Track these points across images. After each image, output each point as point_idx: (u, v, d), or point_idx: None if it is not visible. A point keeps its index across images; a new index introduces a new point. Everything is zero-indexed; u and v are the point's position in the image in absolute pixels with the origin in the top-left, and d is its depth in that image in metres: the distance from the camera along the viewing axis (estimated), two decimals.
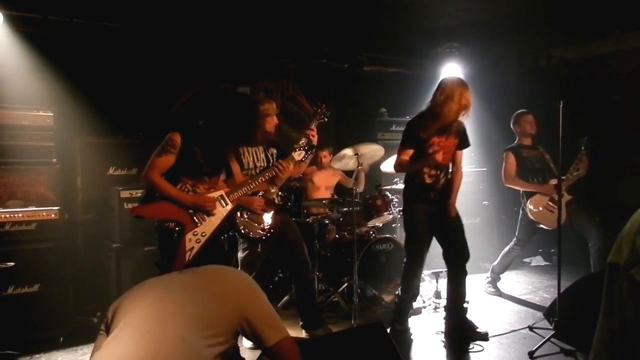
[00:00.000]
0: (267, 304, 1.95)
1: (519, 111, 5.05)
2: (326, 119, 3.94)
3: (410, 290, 3.98)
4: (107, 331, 1.74)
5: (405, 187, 3.97)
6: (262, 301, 1.93)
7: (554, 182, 4.65)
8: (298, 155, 3.58)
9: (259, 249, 3.73)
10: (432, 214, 3.82)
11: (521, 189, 4.82)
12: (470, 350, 3.70)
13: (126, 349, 1.54)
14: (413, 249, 3.89)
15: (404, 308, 4.05)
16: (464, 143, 3.90)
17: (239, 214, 3.38)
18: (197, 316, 1.70)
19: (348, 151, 4.65)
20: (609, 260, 1.68)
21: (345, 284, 4.52)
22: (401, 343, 3.81)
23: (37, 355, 3.69)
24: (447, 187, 3.86)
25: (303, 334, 3.98)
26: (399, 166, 3.84)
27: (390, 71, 6.86)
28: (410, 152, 3.75)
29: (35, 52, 4.50)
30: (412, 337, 3.97)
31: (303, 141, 3.64)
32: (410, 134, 3.78)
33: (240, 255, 3.80)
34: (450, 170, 3.92)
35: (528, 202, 4.76)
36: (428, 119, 3.72)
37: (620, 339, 1.60)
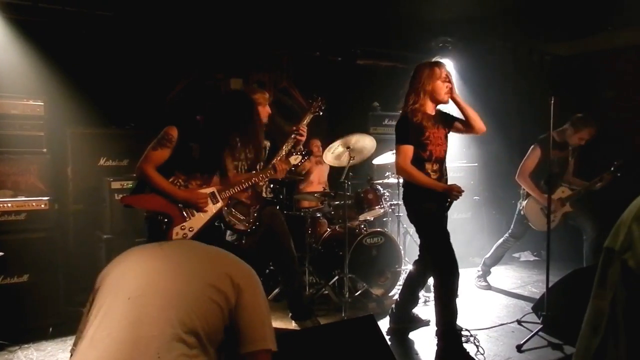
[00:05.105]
0: (266, 302, 1.68)
1: (583, 118, 4.61)
2: (321, 113, 3.93)
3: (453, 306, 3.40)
4: (90, 309, 1.60)
5: (407, 186, 3.58)
6: (261, 296, 1.66)
7: (558, 194, 4.68)
8: (294, 159, 3.59)
9: (243, 241, 3.74)
10: (442, 214, 3.56)
11: (527, 190, 4.78)
12: None
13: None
14: (446, 252, 3.38)
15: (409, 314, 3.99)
16: (452, 120, 3.61)
17: None
18: (181, 320, 1.48)
19: (338, 145, 4.66)
20: (605, 245, 1.71)
21: (336, 277, 4.54)
22: (392, 336, 3.84)
23: (26, 345, 3.67)
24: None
25: (293, 325, 4.02)
26: (403, 171, 3.43)
27: (383, 65, 6.86)
28: (412, 149, 3.39)
29: (26, 40, 4.45)
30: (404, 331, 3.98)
31: (294, 137, 3.66)
32: (408, 124, 3.40)
33: None
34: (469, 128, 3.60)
35: (526, 199, 4.80)
36: (413, 98, 3.41)
37: (607, 321, 1.63)
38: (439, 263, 3.42)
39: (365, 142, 4.76)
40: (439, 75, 3.40)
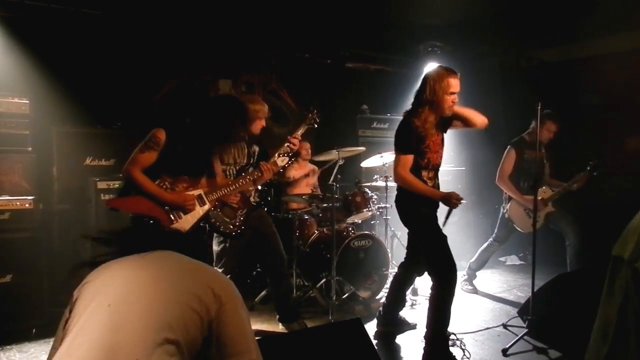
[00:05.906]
0: (247, 314, 1.66)
1: (548, 112, 4.68)
2: (316, 125, 3.90)
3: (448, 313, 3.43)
4: (68, 319, 1.59)
5: (402, 191, 3.52)
6: (242, 308, 1.64)
7: (540, 195, 4.71)
8: (282, 160, 3.59)
9: (227, 244, 3.73)
10: (436, 218, 3.51)
11: (508, 193, 4.85)
12: None
13: None
14: (444, 256, 3.41)
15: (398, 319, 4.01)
16: (449, 120, 3.56)
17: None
18: (161, 327, 1.46)
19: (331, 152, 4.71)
20: (613, 253, 1.72)
21: (324, 280, 4.53)
22: (379, 339, 3.84)
23: (9, 347, 3.63)
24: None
25: (280, 327, 4.02)
26: (403, 180, 3.38)
27: (372, 68, 6.89)
28: (412, 158, 3.36)
29: (11, 37, 4.39)
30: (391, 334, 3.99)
31: (287, 146, 3.65)
32: (412, 133, 3.35)
33: (215, 248, 3.79)
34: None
35: (509, 202, 4.85)
36: (426, 112, 3.37)
37: (615, 329, 1.64)
38: (437, 267, 3.41)
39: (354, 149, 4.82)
40: (446, 87, 3.34)
